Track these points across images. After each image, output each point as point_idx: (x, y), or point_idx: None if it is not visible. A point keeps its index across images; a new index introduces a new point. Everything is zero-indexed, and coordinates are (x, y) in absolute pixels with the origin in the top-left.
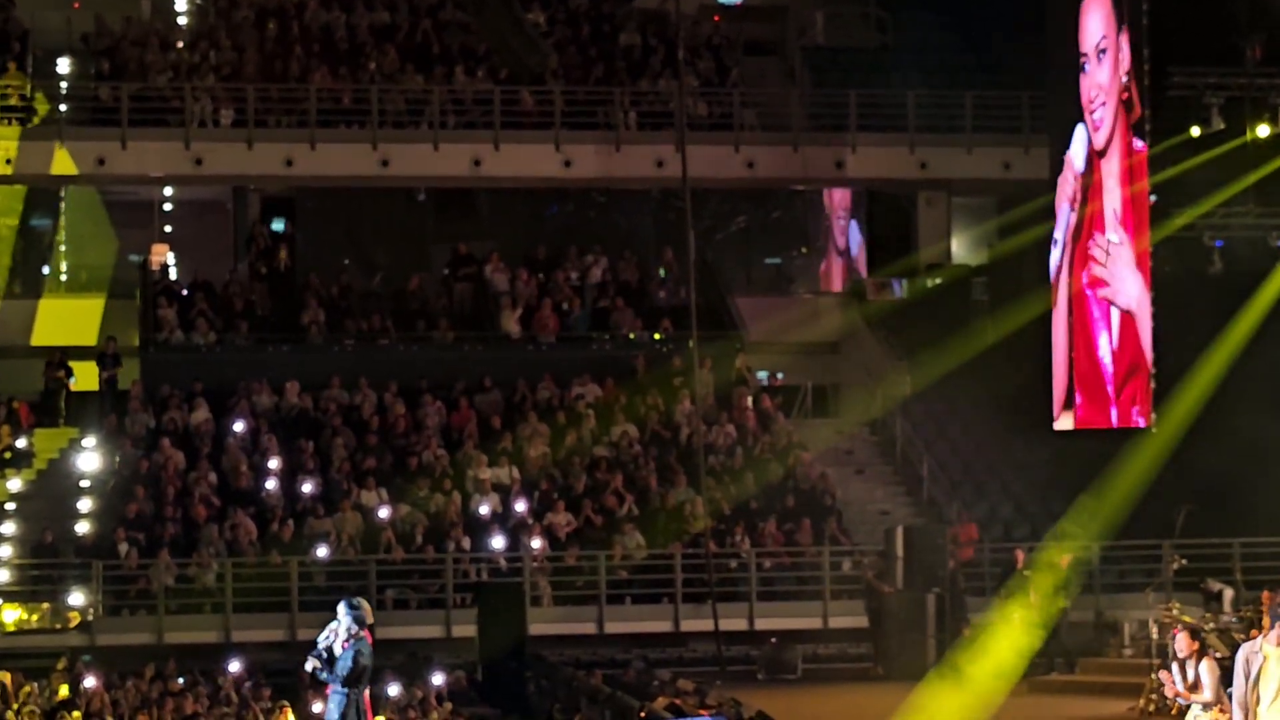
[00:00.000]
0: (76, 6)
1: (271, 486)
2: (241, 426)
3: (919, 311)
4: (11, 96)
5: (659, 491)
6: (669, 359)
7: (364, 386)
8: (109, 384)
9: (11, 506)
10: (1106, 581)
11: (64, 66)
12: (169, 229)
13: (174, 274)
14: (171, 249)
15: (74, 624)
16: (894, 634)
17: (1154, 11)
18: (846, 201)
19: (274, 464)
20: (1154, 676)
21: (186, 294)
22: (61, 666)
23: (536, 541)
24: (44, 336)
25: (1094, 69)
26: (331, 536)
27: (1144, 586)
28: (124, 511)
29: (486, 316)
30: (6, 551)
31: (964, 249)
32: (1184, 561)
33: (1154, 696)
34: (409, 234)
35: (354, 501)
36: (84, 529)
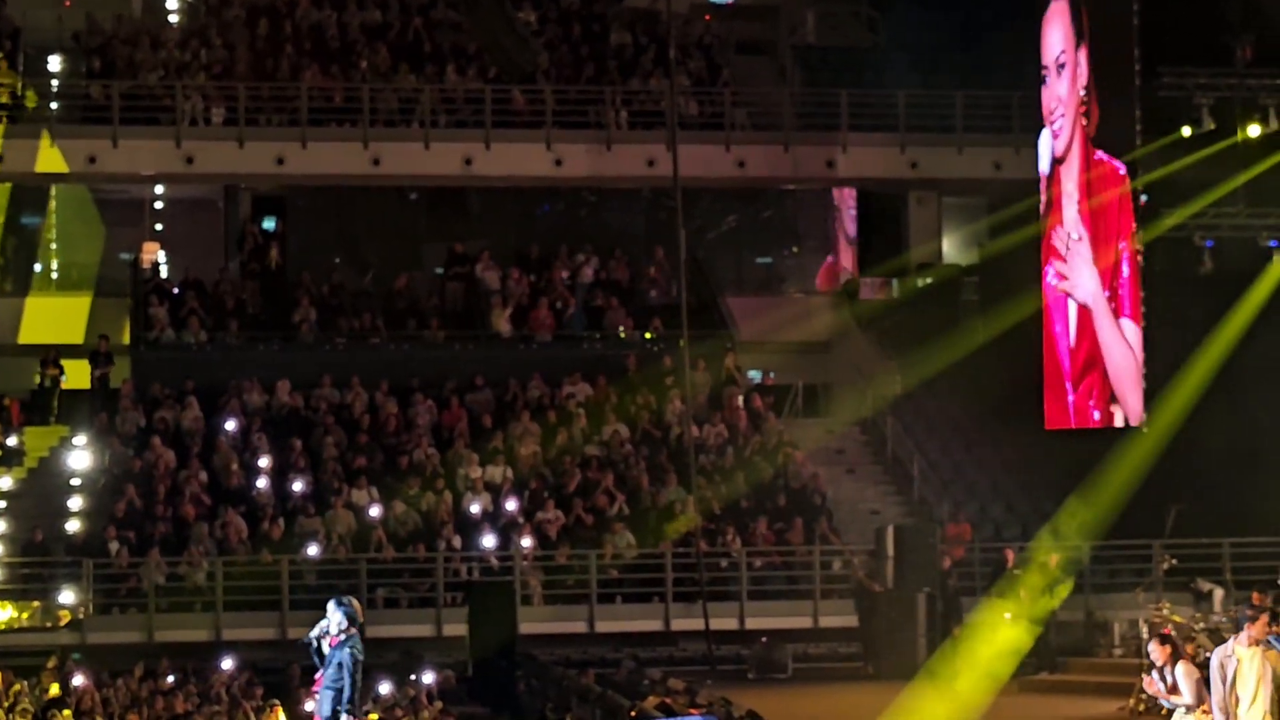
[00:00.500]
0: (68, 4)
1: (262, 485)
2: (232, 425)
3: (909, 311)
4: (2, 94)
5: (650, 491)
6: (660, 358)
7: (355, 385)
8: (100, 382)
9: (2, 505)
10: (1097, 581)
11: (55, 64)
12: (160, 227)
13: (165, 272)
14: (163, 247)
15: (64, 622)
16: (884, 633)
17: (1144, 11)
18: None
19: (265, 462)
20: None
21: (178, 292)
22: (52, 665)
23: (527, 540)
24: (33, 334)
25: (1054, 81)
26: (322, 535)
27: (1134, 586)
28: (114, 510)
29: (477, 315)
30: None
31: (955, 249)
32: (1174, 561)
33: (1144, 696)
34: (400, 233)
35: (345, 500)
36: (74, 527)
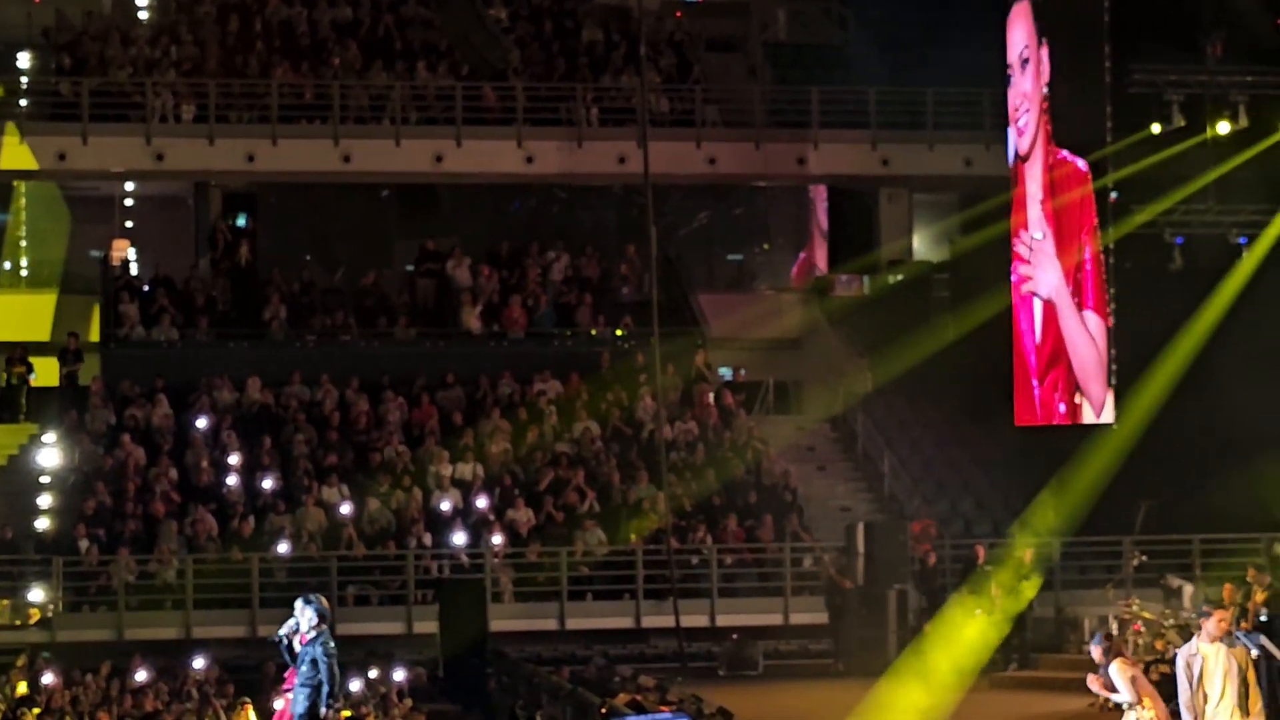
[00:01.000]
0: (37, 1)
1: (232, 483)
2: (203, 423)
3: (880, 308)
4: None
5: (621, 488)
6: (631, 355)
7: (325, 382)
8: (69, 380)
9: None
10: (1067, 577)
11: (24, 61)
12: (130, 224)
13: (135, 270)
14: (133, 245)
15: (34, 620)
16: (855, 630)
17: (1115, 7)
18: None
19: (235, 460)
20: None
21: (148, 290)
22: (21, 663)
23: (498, 538)
24: (0, 332)
25: (1018, 78)
26: (292, 533)
27: (1104, 583)
28: (84, 507)
29: (448, 313)
30: None
31: (925, 245)
32: (1144, 558)
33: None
34: (371, 230)
35: (315, 498)
36: (44, 525)
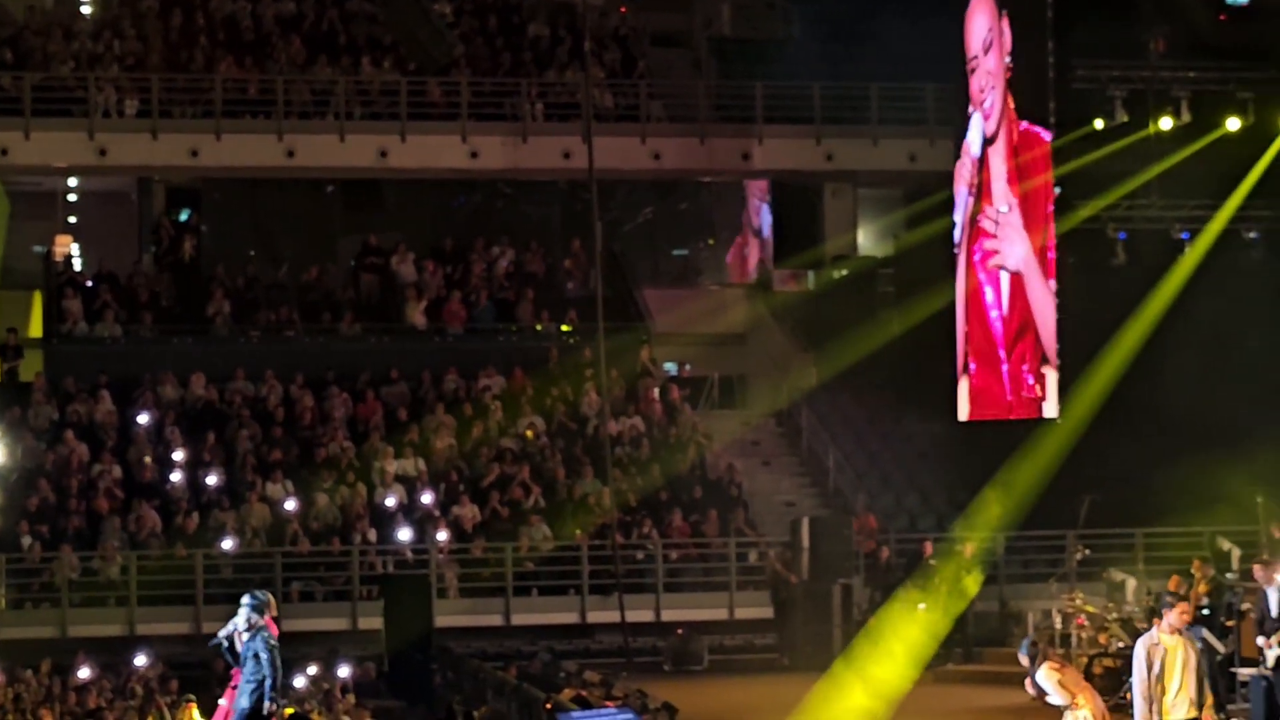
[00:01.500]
0: None
1: (176, 479)
2: (146, 418)
3: (825, 302)
4: None
5: (566, 483)
6: (576, 351)
7: (270, 378)
8: (10, 376)
9: None
10: (1011, 572)
11: None
12: (73, 220)
13: (78, 265)
14: (76, 240)
15: None
16: (800, 625)
17: (1058, 5)
18: (762, 190)
19: (179, 456)
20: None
21: (91, 285)
22: None
23: (443, 534)
24: None
25: (983, 61)
26: (237, 529)
27: (1048, 577)
28: (27, 504)
29: (393, 308)
30: None
31: (870, 240)
32: (1087, 551)
33: None
34: (315, 225)
35: (260, 494)
36: None
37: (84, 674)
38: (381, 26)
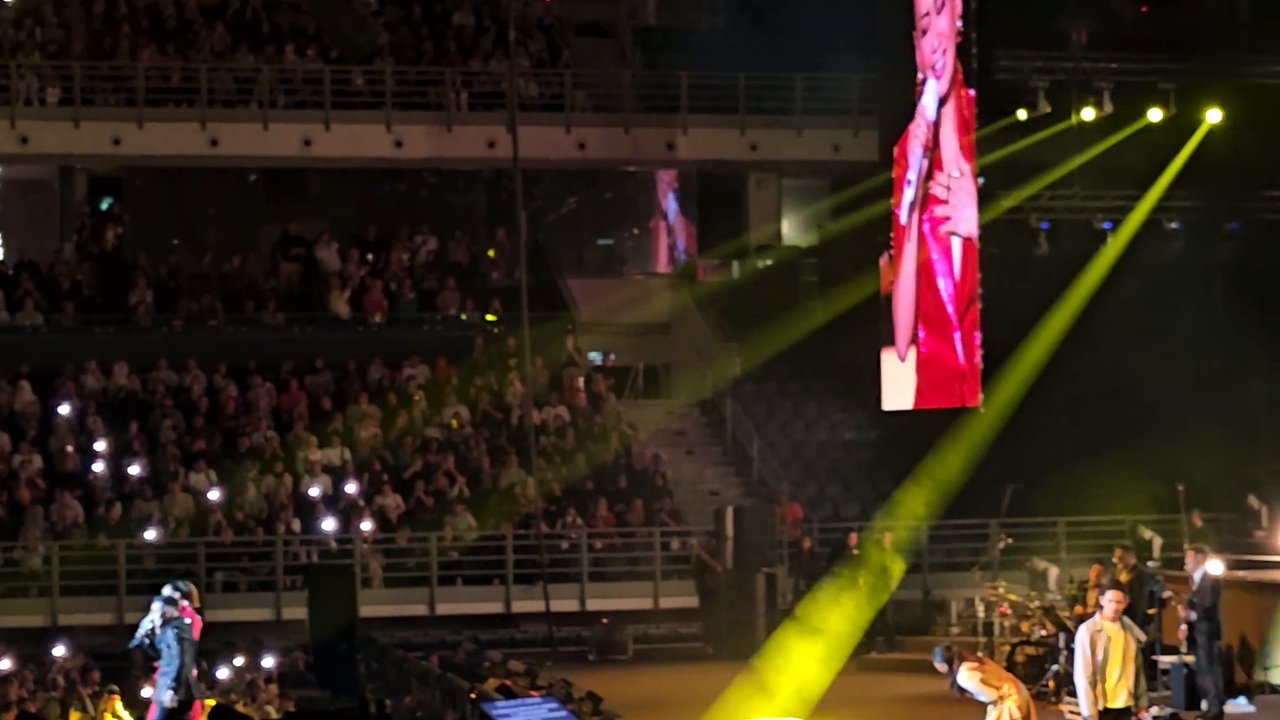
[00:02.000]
0: None
1: (99, 469)
2: (68, 408)
3: (749, 292)
4: None
5: (490, 473)
6: (501, 340)
7: (193, 368)
8: None
9: None
10: (934, 561)
11: None
12: None
13: None
14: None
15: None
16: (724, 614)
17: None
18: (671, 178)
19: (101, 446)
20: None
21: (12, 274)
22: None
23: (367, 523)
24: None
25: (934, 20)
26: (160, 519)
27: (971, 565)
28: None
29: (317, 297)
30: None
31: (794, 230)
32: (1010, 540)
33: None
34: (239, 214)
35: (183, 484)
36: None
37: (5, 665)
38: (305, 15)
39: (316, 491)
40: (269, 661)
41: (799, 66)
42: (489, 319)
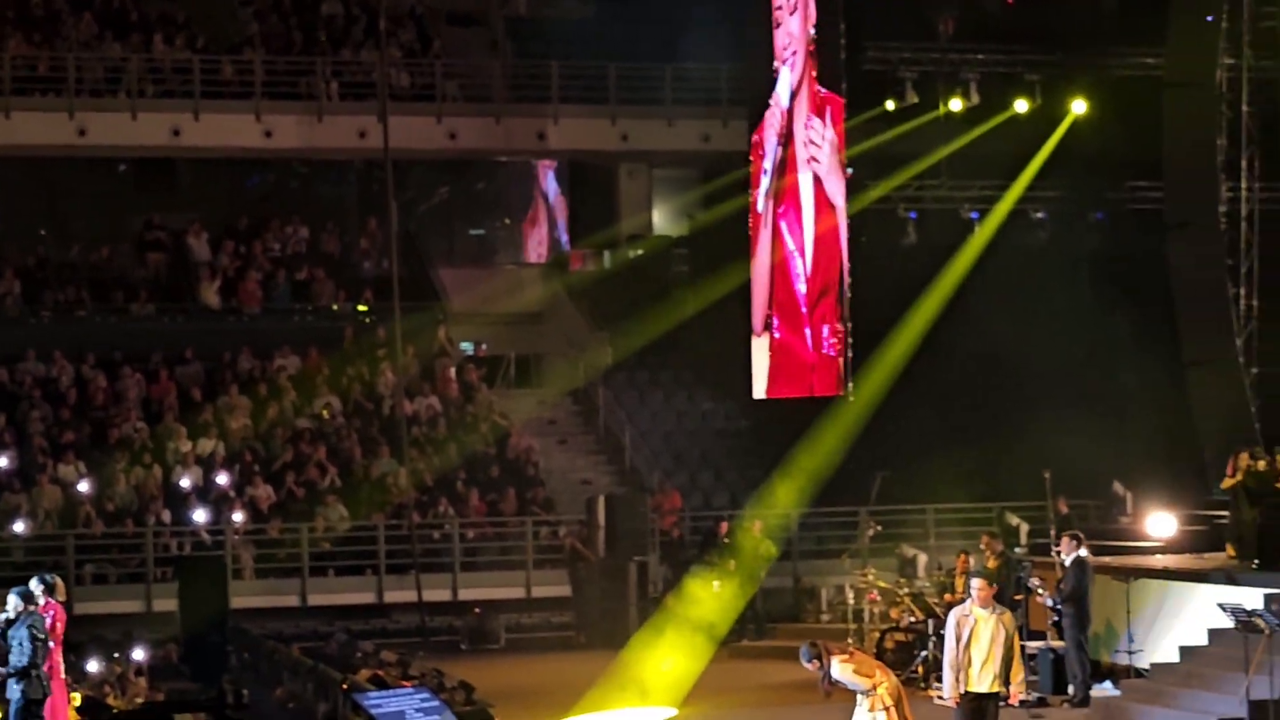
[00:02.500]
0: None
1: None
2: None
3: (620, 282)
4: None
5: (362, 463)
6: (372, 330)
7: (61, 359)
8: None
9: None
10: (804, 548)
11: None
12: None
13: None
14: None
15: None
16: (596, 602)
17: None
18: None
19: None
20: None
21: None
22: None
23: (238, 514)
24: None
25: (786, 20)
26: (29, 511)
27: (841, 553)
28: None
29: (186, 288)
30: None
31: (665, 220)
32: (879, 528)
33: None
34: (108, 204)
35: (52, 475)
36: None
37: None
38: (173, 3)
39: (187, 483)
40: (140, 654)
41: (669, 57)
42: (360, 309)
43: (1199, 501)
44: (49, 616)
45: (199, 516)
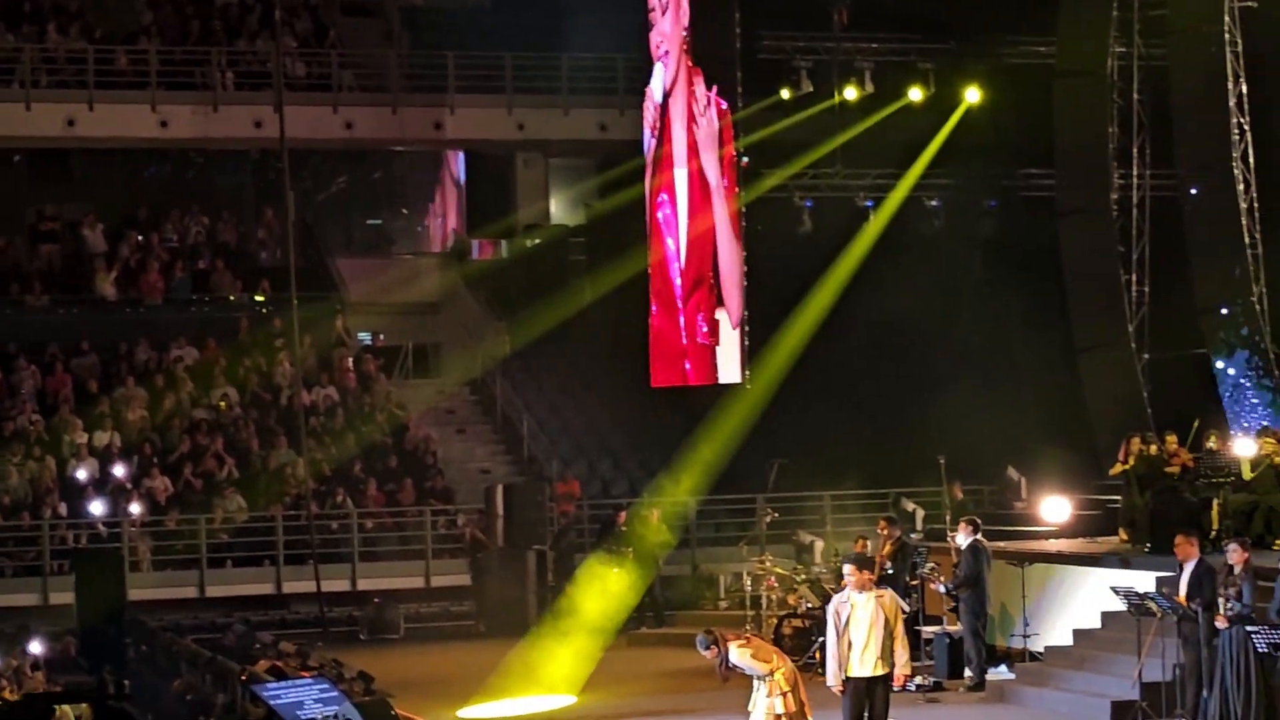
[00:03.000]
0: None
1: None
2: None
3: (518, 271)
4: None
5: (260, 454)
6: (269, 320)
7: None
8: None
9: None
10: (702, 536)
11: None
12: None
13: None
14: None
15: None
16: (495, 591)
17: None
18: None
19: None
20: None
21: None
22: None
23: (136, 506)
24: None
25: (659, 20)
26: None
27: (738, 540)
28: None
29: (82, 279)
30: None
31: (562, 209)
32: (776, 514)
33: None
34: (1, 196)
35: None
36: None
37: None
38: None
39: (84, 475)
40: (36, 647)
41: (565, 46)
42: (257, 299)
43: (1092, 486)
44: None
45: (96, 509)
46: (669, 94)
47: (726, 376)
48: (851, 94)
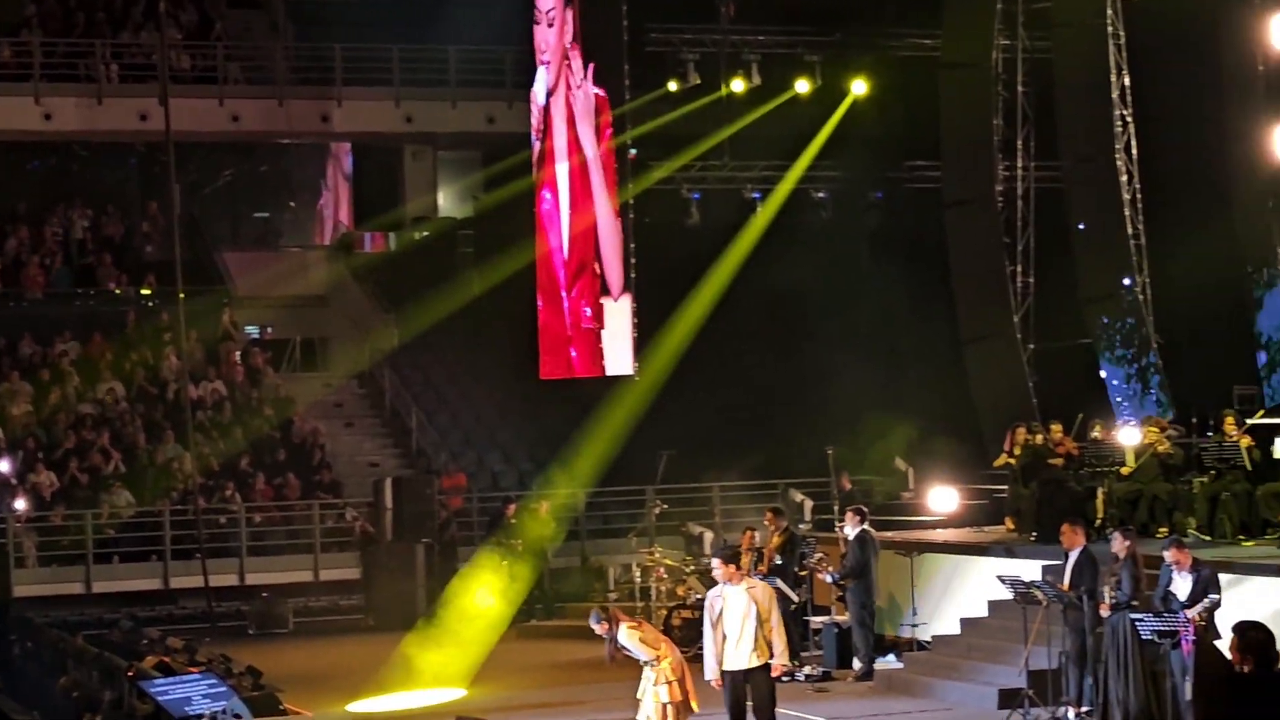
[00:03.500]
0: None
1: None
2: None
3: (406, 264)
4: None
5: (146, 448)
6: (155, 314)
7: None
8: None
9: None
10: (592, 527)
11: None
12: None
13: None
14: None
15: None
16: (385, 585)
17: None
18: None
19: None
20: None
21: None
22: None
23: (21, 502)
24: None
25: (543, 30)
26: None
27: (628, 531)
28: None
29: None
30: None
31: (450, 202)
32: (665, 506)
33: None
34: None
35: None
36: None
37: None
38: None
39: None
40: None
41: (452, 38)
42: (144, 293)
43: (980, 476)
44: None
45: None
46: (551, 94)
47: (616, 368)
48: (739, 86)
